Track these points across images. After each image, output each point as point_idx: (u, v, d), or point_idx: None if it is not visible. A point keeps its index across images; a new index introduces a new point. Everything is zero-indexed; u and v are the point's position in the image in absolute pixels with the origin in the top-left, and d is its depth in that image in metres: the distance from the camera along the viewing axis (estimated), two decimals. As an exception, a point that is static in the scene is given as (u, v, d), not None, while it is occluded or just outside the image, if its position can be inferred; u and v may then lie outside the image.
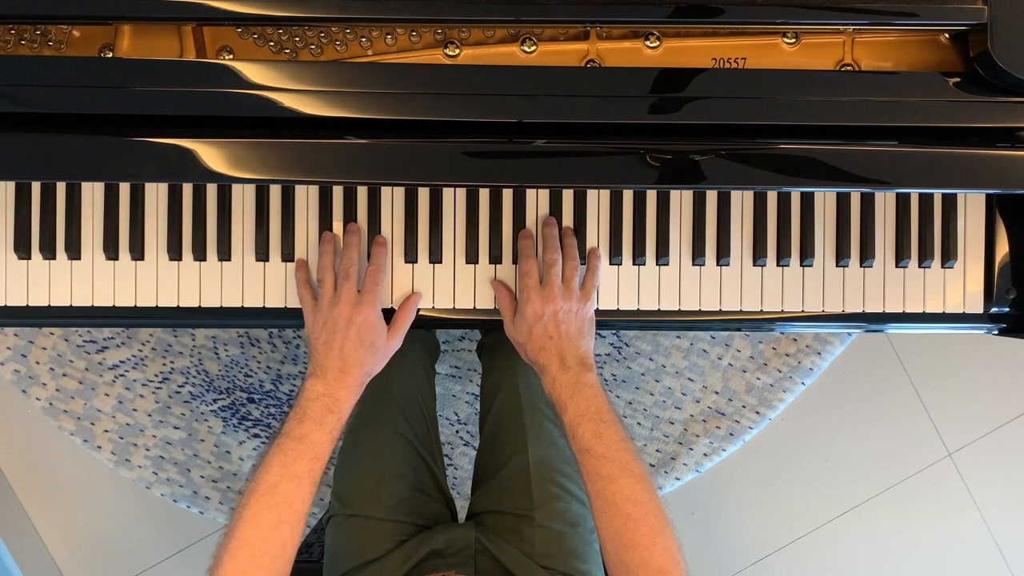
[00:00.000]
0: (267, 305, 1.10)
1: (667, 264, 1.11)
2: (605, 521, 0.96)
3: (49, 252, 1.07)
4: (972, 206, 1.12)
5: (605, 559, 0.97)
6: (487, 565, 1.11)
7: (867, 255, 1.11)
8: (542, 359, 1.03)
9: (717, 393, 1.82)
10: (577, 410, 0.99)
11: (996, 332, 1.14)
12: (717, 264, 1.12)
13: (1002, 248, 1.12)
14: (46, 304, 1.09)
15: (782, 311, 1.12)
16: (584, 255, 1.10)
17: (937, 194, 1.12)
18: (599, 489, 0.97)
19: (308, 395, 0.99)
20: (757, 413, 1.83)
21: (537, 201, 1.10)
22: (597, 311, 1.11)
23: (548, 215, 1.10)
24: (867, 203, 1.12)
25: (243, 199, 1.09)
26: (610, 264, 1.11)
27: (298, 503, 0.94)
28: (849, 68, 1.04)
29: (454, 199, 1.10)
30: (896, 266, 1.12)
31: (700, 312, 1.12)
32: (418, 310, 1.10)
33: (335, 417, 0.98)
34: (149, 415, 1.77)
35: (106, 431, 1.78)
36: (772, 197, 1.11)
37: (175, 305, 1.09)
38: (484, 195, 1.10)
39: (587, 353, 1.03)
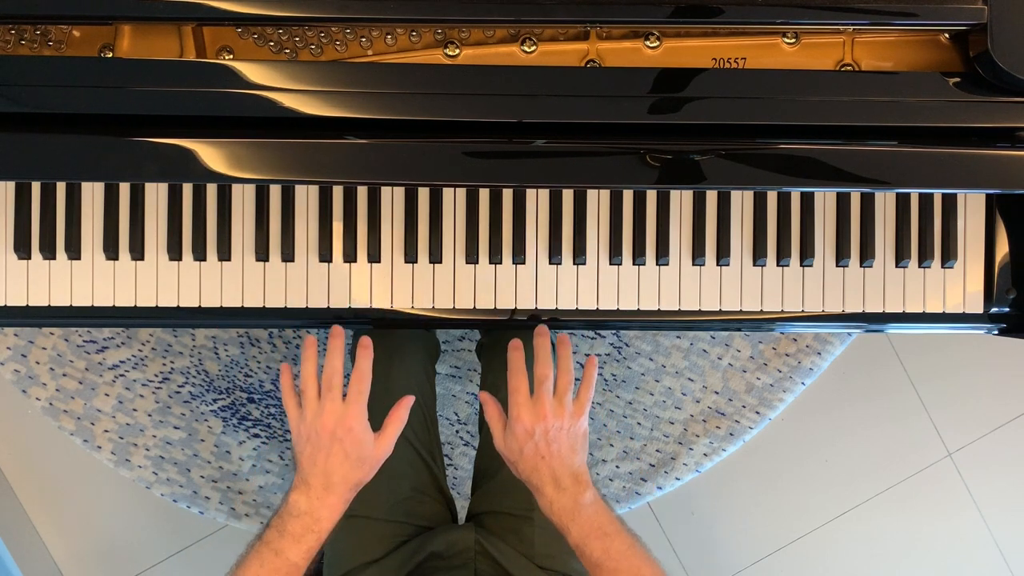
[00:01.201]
0: (267, 305, 1.10)
1: (667, 264, 1.11)
2: None
3: (49, 252, 1.07)
4: (972, 206, 1.12)
5: None
6: (487, 567, 1.11)
7: (867, 255, 1.11)
8: (535, 480, 0.99)
9: (717, 393, 1.82)
10: (580, 532, 0.97)
11: (996, 332, 1.14)
12: (717, 264, 1.12)
13: (1002, 248, 1.12)
14: (46, 304, 1.09)
15: (782, 311, 1.12)
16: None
17: (937, 194, 1.12)
18: None
19: (290, 509, 0.95)
20: (757, 413, 1.83)
21: (537, 201, 1.10)
22: (597, 311, 1.11)
23: (541, 325, 1.05)
24: (867, 203, 1.12)
25: (243, 199, 1.09)
26: (610, 264, 1.11)
27: None
28: (849, 68, 1.04)
29: (454, 199, 1.10)
30: (896, 266, 1.12)
31: (700, 312, 1.12)
32: (417, 310, 1.10)
33: (314, 537, 0.95)
34: (149, 415, 1.77)
35: (106, 431, 1.77)
36: (772, 197, 1.11)
37: (175, 305, 1.09)
38: (484, 195, 1.10)
39: (582, 469, 0.99)
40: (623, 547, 0.96)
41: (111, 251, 1.08)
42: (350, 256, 1.10)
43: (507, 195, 1.10)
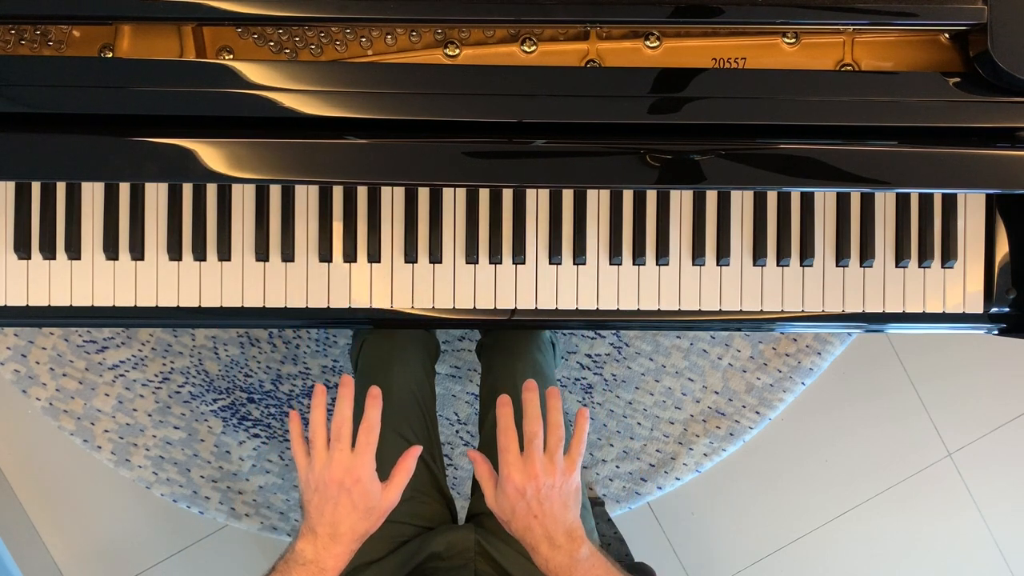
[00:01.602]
0: (267, 305, 1.10)
1: (667, 264, 1.11)
2: None
3: (49, 252, 1.07)
4: (972, 206, 1.12)
5: None
6: (487, 568, 1.11)
7: (867, 255, 1.11)
8: (529, 539, 0.98)
9: (717, 393, 1.82)
10: None
11: (996, 332, 1.14)
12: (717, 264, 1.12)
13: (1002, 248, 1.12)
14: (46, 304, 1.09)
15: (782, 311, 1.12)
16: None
17: (937, 194, 1.12)
18: None
19: (296, 558, 0.95)
20: (757, 413, 1.83)
21: (537, 201, 1.10)
22: (597, 311, 1.11)
23: (529, 379, 1.03)
24: (867, 203, 1.12)
25: (243, 199, 1.09)
26: (610, 264, 1.11)
27: None
28: (849, 68, 1.04)
29: (454, 199, 1.10)
30: (896, 266, 1.12)
31: (700, 312, 1.12)
32: (413, 310, 1.10)
33: None
34: (149, 415, 1.77)
35: (106, 431, 1.77)
36: (772, 197, 1.11)
37: (175, 305, 1.09)
38: (484, 195, 1.10)
39: (575, 525, 0.98)
40: None
41: (111, 251, 1.08)
42: (350, 256, 1.10)
43: (507, 195, 1.10)
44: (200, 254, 1.08)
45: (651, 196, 1.11)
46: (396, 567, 1.12)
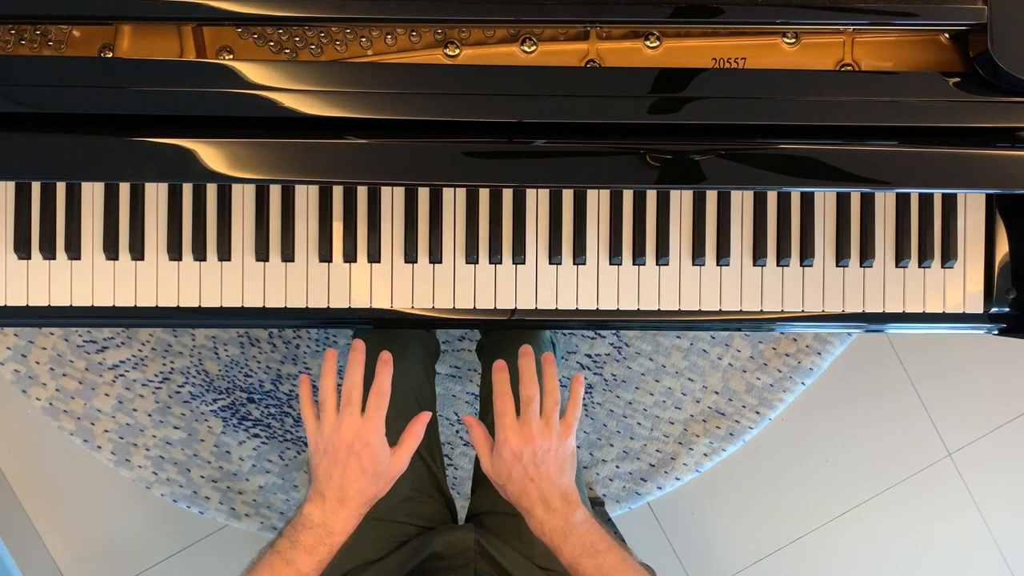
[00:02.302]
0: (267, 305, 1.10)
1: (667, 264, 1.11)
2: None
3: (49, 252, 1.07)
4: (972, 206, 1.12)
5: None
6: (487, 567, 1.11)
7: (867, 255, 1.11)
8: (524, 502, 0.99)
9: (717, 393, 1.82)
10: (572, 551, 0.96)
11: (996, 332, 1.14)
12: (717, 264, 1.12)
13: (1002, 248, 1.12)
14: (46, 304, 1.09)
15: (782, 311, 1.12)
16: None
17: (937, 194, 1.12)
18: None
19: (304, 520, 0.96)
20: (757, 413, 1.83)
21: (537, 201, 1.10)
22: (598, 311, 1.11)
23: (525, 345, 1.05)
24: (867, 203, 1.12)
25: (243, 199, 1.09)
26: (610, 264, 1.11)
27: None
28: (849, 68, 1.04)
29: (454, 199, 1.10)
30: (896, 266, 1.12)
31: (700, 312, 1.12)
32: (413, 310, 1.10)
33: (326, 549, 0.95)
34: (149, 415, 1.77)
35: (106, 431, 1.77)
36: (772, 197, 1.11)
37: (175, 305, 1.09)
38: (484, 195, 1.10)
39: (570, 489, 0.99)
40: (615, 562, 0.96)
41: (111, 251, 1.08)
42: (350, 256, 1.10)
43: (507, 195, 1.10)
44: (200, 254, 1.08)
45: (651, 196, 1.11)
46: (396, 567, 1.12)
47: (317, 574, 0.96)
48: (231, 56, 1.03)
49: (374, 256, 1.09)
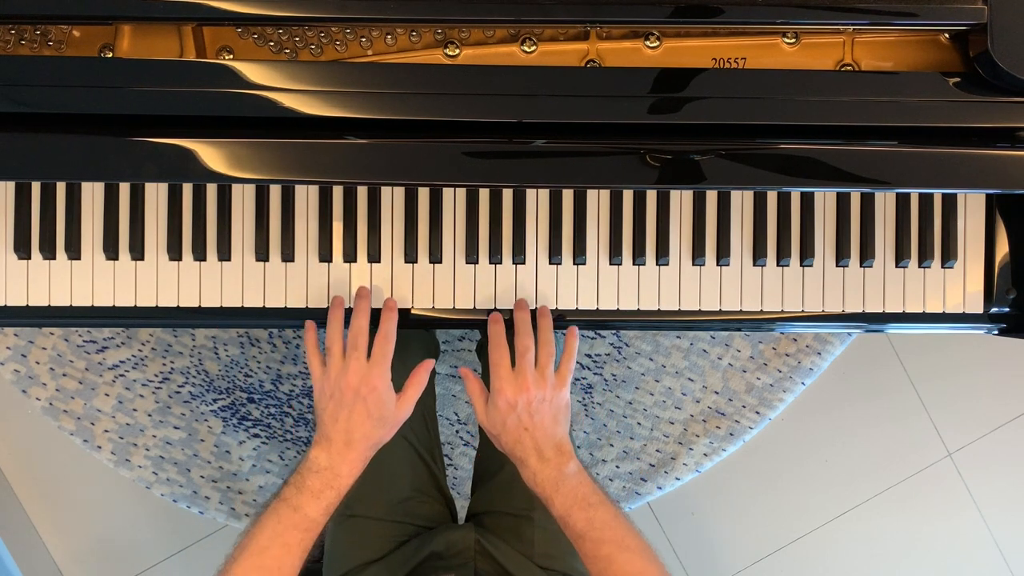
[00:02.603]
0: (267, 305, 1.10)
1: (667, 264, 1.11)
2: None
3: (49, 252, 1.07)
4: (972, 206, 1.12)
5: None
6: (487, 567, 1.11)
7: (867, 255, 1.11)
8: (518, 452, 1.00)
9: (717, 393, 1.82)
10: (564, 502, 0.97)
11: (996, 332, 1.14)
12: (717, 264, 1.12)
13: (1002, 248, 1.12)
14: (46, 304, 1.09)
15: (782, 311, 1.12)
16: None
17: (937, 194, 1.12)
18: (600, 570, 0.96)
19: (310, 465, 0.97)
20: (757, 413, 1.83)
21: (537, 201, 1.10)
22: (598, 311, 1.11)
23: (521, 298, 1.06)
24: (867, 203, 1.12)
25: (243, 199, 1.09)
26: (610, 264, 1.11)
27: (286, 568, 0.94)
28: (849, 68, 1.04)
29: (454, 199, 1.10)
30: (896, 266, 1.12)
31: (700, 312, 1.12)
32: (413, 310, 1.10)
33: (334, 493, 0.96)
34: (149, 415, 1.77)
35: (106, 431, 1.77)
36: (772, 197, 1.11)
37: (175, 305, 1.09)
38: (484, 195, 1.10)
39: (564, 440, 1.00)
40: (607, 517, 0.97)
41: (111, 251, 1.08)
42: (350, 256, 1.10)
43: (507, 195, 1.10)
44: (200, 254, 1.08)
45: (651, 196, 1.11)
46: (396, 567, 1.12)
47: (324, 519, 0.96)
48: (231, 56, 1.03)
49: (374, 256, 1.09)
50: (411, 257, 1.10)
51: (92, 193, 1.08)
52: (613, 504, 0.99)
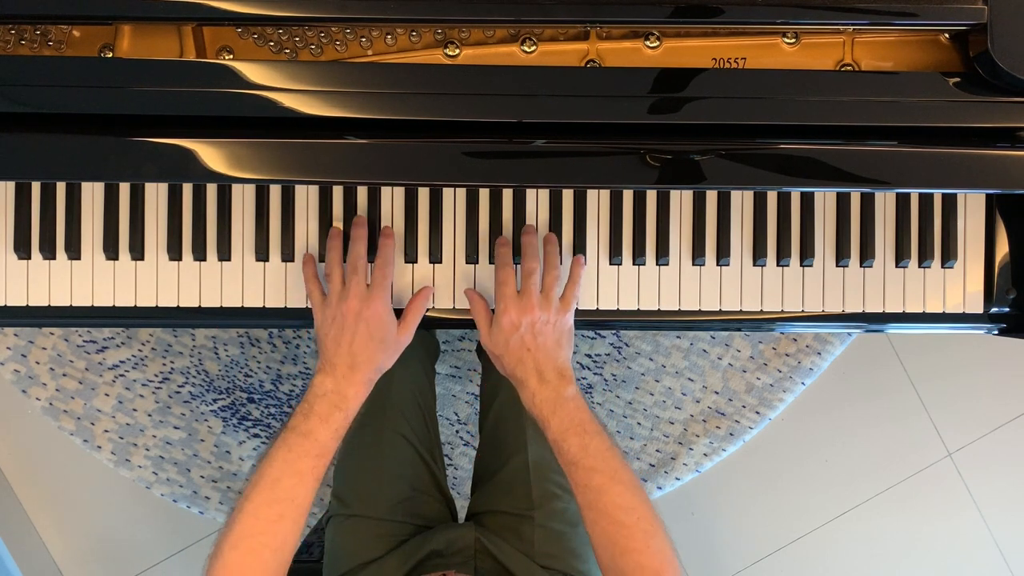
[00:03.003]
0: (267, 305, 1.10)
1: (667, 264, 1.11)
2: (598, 531, 0.96)
3: (49, 252, 1.07)
4: (972, 206, 1.12)
5: (600, 564, 0.97)
6: (487, 565, 1.11)
7: (867, 255, 1.11)
8: (519, 372, 1.00)
9: (717, 393, 1.82)
10: (560, 425, 0.98)
11: (996, 332, 1.14)
12: (717, 264, 1.12)
13: (1002, 248, 1.12)
14: (46, 304, 1.09)
15: (782, 311, 1.12)
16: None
17: (937, 194, 1.12)
18: (589, 500, 0.96)
19: (316, 391, 0.98)
20: (757, 413, 1.83)
21: (537, 201, 1.10)
22: (598, 311, 1.11)
23: (529, 224, 1.08)
24: (867, 203, 1.12)
25: (243, 199, 1.09)
26: (610, 264, 1.11)
27: (300, 498, 0.94)
28: (849, 68, 1.04)
29: (454, 199, 1.10)
30: (896, 266, 1.12)
31: (700, 312, 1.12)
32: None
33: (342, 415, 0.97)
34: (149, 415, 1.77)
35: (106, 431, 1.77)
36: (772, 197, 1.11)
37: (175, 305, 1.09)
38: (484, 195, 1.10)
39: (566, 365, 1.01)
40: (602, 447, 0.97)
41: (111, 251, 1.08)
42: (350, 256, 1.09)
43: (507, 195, 1.10)
44: (200, 254, 1.08)
45: (651, 196, 1.11)
46: (396, 565, 1.12)
47: (335, 444, 0.97)
48: (231, 56, 1.03)
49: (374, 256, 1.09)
50: (411, 257, 1.10)
51: (92, 193, 1.08)
52: (609, 438, 0.99)
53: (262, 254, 1.09)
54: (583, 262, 1.06)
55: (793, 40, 1.03)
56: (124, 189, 1.08)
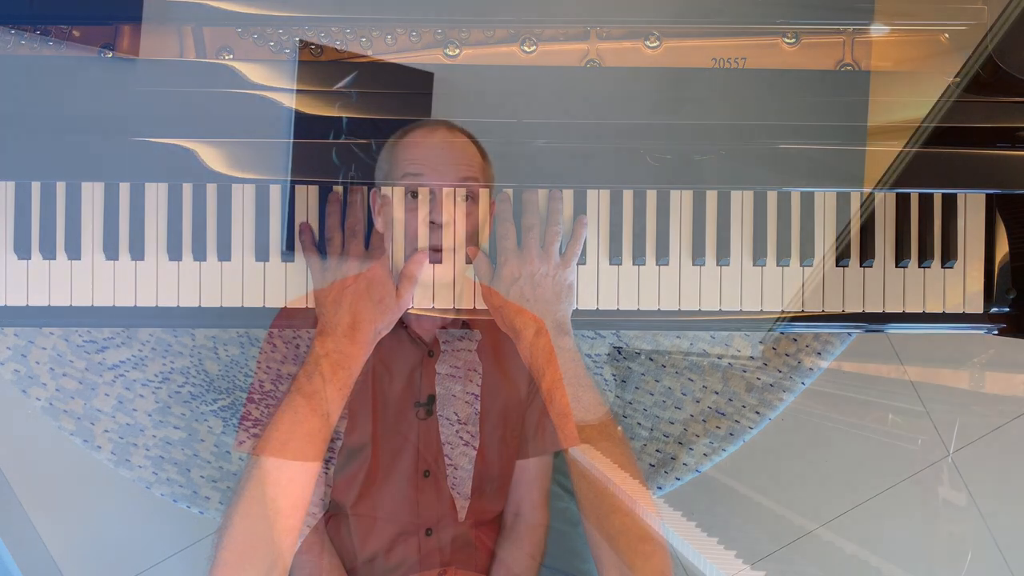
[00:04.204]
0: (267, 305, 1.10)
1: (667, 264, 1.11)
2: (584, 487, 0.96)
3: (49, 252, 1.07)
4: (972, 206, 1.12)
5: (585, 531, 0.97)
6: (487, 564, 1.11)
7: (867, 255, 1.11)
8: (518, 323, 1.01)
9: (717, 393, 1.82)
10: (554, 376, 0.99)
11: (996, 332, 1.14)
12: (717, 264, 1.12)
13: (1002, 248, 1.12)
14: (46, 304, 1.09)
15: (782, 311, 1.12)
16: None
17: (937, 194, 1.12)
18: (578, 452, 0.97)
19: (318, 352, 0.98)
20: (757, 413, 1.83)
21: (538, 201, 1.10)
22: (598, 311, 1.11)
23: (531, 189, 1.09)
24: (867, 203, 1.12)
25: (243, 199, 1.09)
26: (610, 264, 1.11)
27: (309, 459, 0.94)
28: (849, 68, 1.04)
29: (454, 199, 1.10)
30: (896, 266, 1.12)
31: (700, 312, 1.12)
32: (412, 310, 1.10)
33: (346, 373, 0.97)
34: (149, 415, 1.77)
35: (106, 431, 1.77)
36: (772, 197, 1.11)
37: (175, 305, 1.09)
38: (484, 195, 1.10)
39: (564, 318, 1.02)
40: (594, 401, 0.99)
41: (111, 251, 1.08)
42: (350, 256, 1.10)
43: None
44: (200, 254, 1.08)
45: (651, 196, 1.11)
46: (397, 563, 1.11)
47: (341, 403, 0.97)
48: (231, 56, 1.03)
49: (374, 256, 1.09)
50: (411, 257, 1.10)
51: (92, 193, 1.08)
52: (600, 394, 1.00)
53: (262, 254, 1.09)
54: (585, 222, 1.07)
55: (793, 40, 1.04)
56: (124, 189, 1.08)
